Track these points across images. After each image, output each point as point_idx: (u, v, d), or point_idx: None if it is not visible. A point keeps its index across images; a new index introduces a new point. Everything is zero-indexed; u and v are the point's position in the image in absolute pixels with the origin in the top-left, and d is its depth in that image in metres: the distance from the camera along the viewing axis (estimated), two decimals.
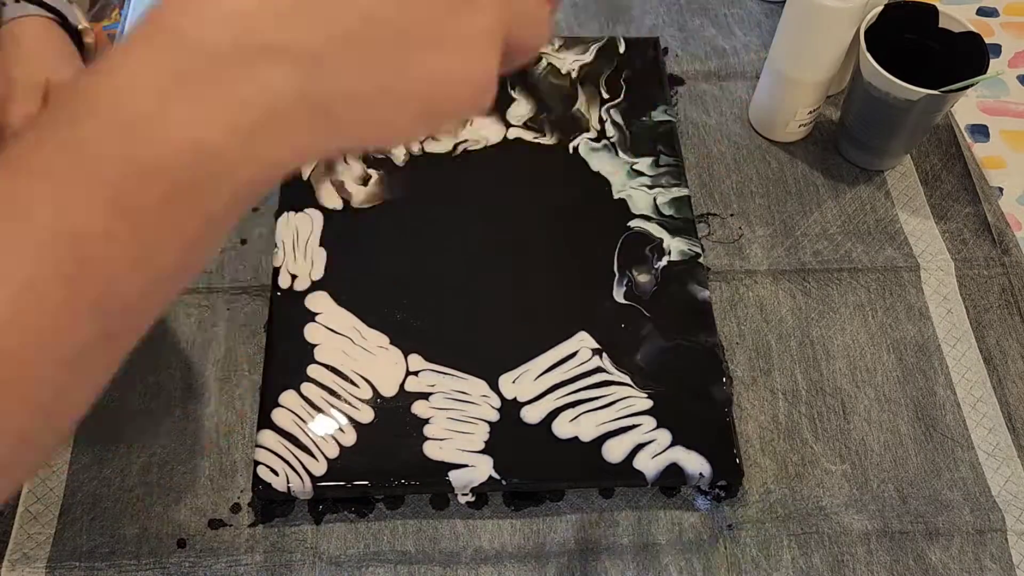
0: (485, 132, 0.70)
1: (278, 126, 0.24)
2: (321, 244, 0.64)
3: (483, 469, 0.55)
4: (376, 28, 0.24)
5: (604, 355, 0.60)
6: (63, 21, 0.61)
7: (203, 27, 0.24)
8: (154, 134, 0.23)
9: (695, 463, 0.56)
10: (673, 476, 0.56)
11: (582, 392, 0.58)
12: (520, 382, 0.59)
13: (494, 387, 0.58)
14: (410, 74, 0.25)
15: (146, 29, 0.24)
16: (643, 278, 0.63)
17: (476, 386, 0.58)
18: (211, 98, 0.23)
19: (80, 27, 0.62)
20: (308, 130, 0.25)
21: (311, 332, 0.60)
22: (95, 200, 0.23)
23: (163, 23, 0.24)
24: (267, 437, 0.56)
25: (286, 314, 0.60)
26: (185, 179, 0.24)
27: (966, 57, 0.65)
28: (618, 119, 0.71)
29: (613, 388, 0.59)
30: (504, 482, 0.55)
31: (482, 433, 0.57)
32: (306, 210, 0.65)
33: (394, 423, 0.57)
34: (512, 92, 0.72)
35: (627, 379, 0.59)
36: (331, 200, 0.66)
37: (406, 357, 0.59)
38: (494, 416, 0.57)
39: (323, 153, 0.26)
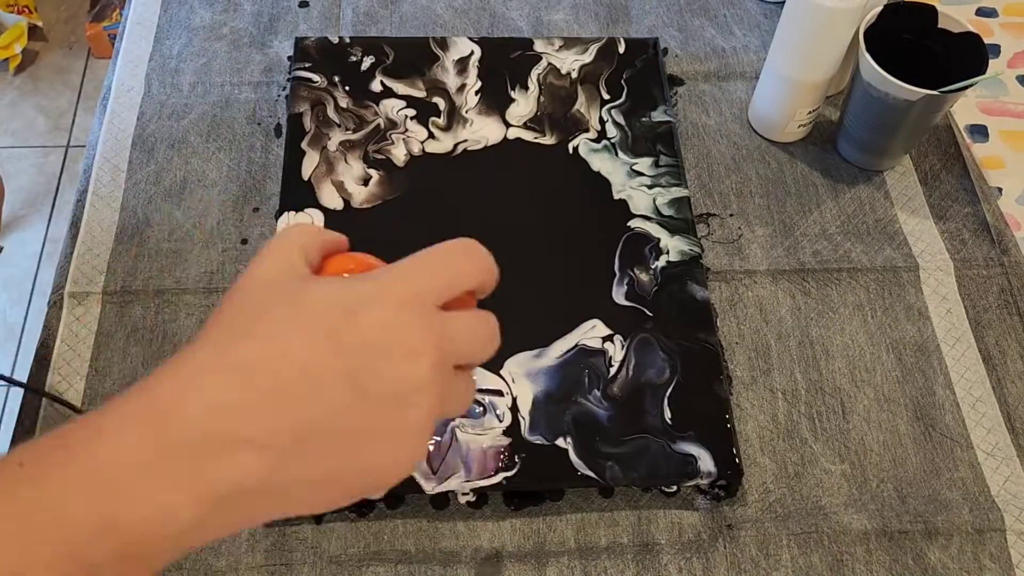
0: (485, 132, 0.70)
1: (238, 502, 0.28)
2: None
3: None
4: (333, 428, 0.28)
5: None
6: None
7: (188, 415, 0.27)
8: (130, 500, 0.26)
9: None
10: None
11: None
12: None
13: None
14: (357, 463, 0.29)
15: (137, 406, 0.28)
16: (643, 278, 0.63)
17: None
18: (187, 474, 0.27)
19: None
20: (259, 506, 0.29)
21: None
22: (63, 556, 0.26)
23: (154, 403, 0.28)
24: None
25: None
26: (146, 544, 0.27)
27: (965, 57, 0.65)
28: (618, 119, 0.71)
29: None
30: (504, 482, 0.55)
31: None
32: (307, 210, 0.65)
33: None
34: (512, 92, 0.73)
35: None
36: (332, 200, 0.66)
37: None
38: None
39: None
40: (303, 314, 0.29)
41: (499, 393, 0.58)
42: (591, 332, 0.61)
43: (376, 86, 0.72)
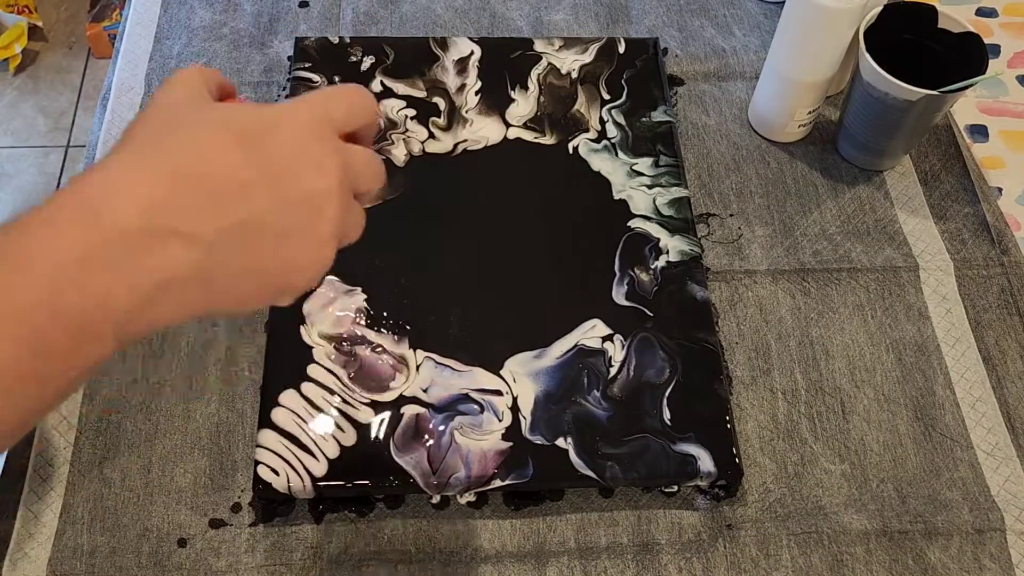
0: (485, 132, 0.70)
1: (171, 293, 0.30)
2: None
3: None
4: (254, 225, 0.31)
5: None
6: None
7: (120, 209, 0.29)
8: (73, 289, 0.28)
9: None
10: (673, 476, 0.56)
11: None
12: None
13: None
14: (276, 260, 0.33)
15: (71, 200, 0.29)
16: (643, 278, 0.63)
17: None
18: (122, 266, 0.29)
19: None
20: (193, 298, 0.31)
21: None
22: (17, 338, 0.28)
23: (87, 198, 0.29)
24: (267, 437, 0.56)
25: (286, 314, 0.61)
26: (92, 327, 0.29)
27: (965, 57, 0.65)
28: (618, 119, 0.71)
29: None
30: (501, 480, 0.55)
31: None
32: None
33: (395, 423, 0.57)
34: (512, 92, 0.73)
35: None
36: None
37: None
38: None
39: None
40: (219, 125, 0.32)
41: (499, 393, 0.58)
42: (591, 332, 0.61)
43: (376, 86, 0.72)
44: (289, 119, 0.33)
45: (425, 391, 0.58)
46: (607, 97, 0.73)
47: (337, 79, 0.72)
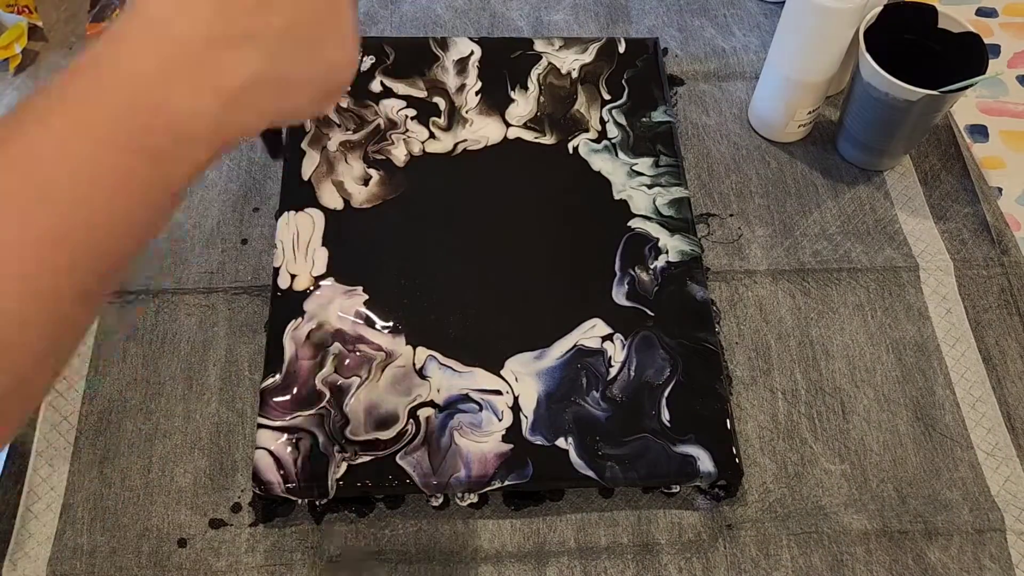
0: (485, 132, 0.70)
1: (249, 96, 0.32)
2: (323, 244, 0.64)
3: None
4: (300, 26, 0.33)
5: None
6: None
7: (188, 20, 0.31)
8: (160, 99, 0.30)
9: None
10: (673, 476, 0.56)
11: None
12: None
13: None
14: (320, 62, 0.35)
15: (136, 21, 0.31)
16: (644, 278, 0.63)
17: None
18: (200, 73, 0.31)
19: None
20: (268, 100, 0.33)
21: None
22: (123, 145, 0.29)
23: (152, 17, 0.31)
24: (267, 437, 0.56)
25: (286, 314, 0.61)
26: (188, 129, 0.31)
27: (965, 57, 0.65)
28: (619, 119, 0.71)
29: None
30: (501, 482, 0.55)
31: None
32: (307, 210, 0.65)
33: (415, 428, 0.57)
34: (512, 92, 0.73)
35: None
36: (332, 200, 0.66)
37: None
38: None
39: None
40: None
41: (499, 392, 0.58)
42: (591, 332, 0.61)
43: (376, 86, 0.72)
44: None
45: (437, 391, 0.58)
46: (607, 97, 0.73)
47: None
